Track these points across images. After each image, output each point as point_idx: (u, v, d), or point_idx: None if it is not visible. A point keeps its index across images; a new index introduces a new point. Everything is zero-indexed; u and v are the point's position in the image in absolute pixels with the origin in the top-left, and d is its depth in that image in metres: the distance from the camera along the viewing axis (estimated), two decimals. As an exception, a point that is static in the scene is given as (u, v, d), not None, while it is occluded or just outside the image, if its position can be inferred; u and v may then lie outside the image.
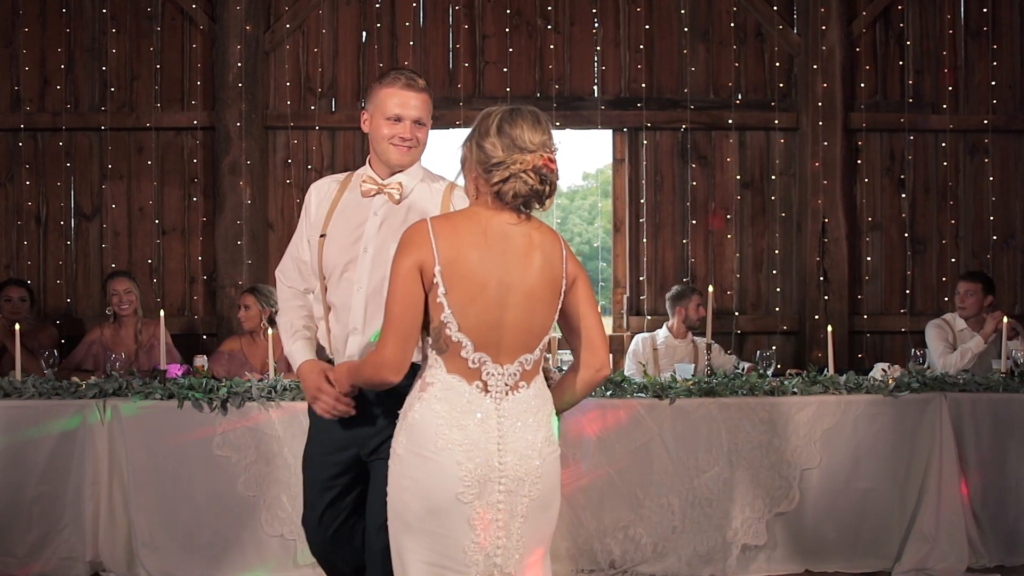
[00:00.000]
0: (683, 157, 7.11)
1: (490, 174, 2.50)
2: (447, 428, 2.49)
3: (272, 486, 4.63)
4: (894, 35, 7.17)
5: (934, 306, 7.08)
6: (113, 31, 6.88)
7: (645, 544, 4.73)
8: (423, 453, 2.50)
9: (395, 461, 2.56)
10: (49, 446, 4.64)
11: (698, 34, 7.11)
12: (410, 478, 2.51)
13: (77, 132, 6.91)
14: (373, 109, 3.14)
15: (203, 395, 4.63)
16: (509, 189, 2.49)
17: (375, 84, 3.19)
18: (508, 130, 2.49)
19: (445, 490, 2.47)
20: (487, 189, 2.53)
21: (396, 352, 2.51)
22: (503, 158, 2.48)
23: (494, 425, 2.50)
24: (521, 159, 2.48)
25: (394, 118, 3.10)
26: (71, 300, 6.91)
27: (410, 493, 2.51)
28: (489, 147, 2.50)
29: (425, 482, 2.49)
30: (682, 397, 4.79)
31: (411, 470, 2.51)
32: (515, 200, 2.51)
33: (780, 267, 7.12)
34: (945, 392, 4.94)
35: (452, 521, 2.49)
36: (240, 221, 6.72)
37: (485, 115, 2.57)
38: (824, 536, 4.85)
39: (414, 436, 2.51)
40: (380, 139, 3.12)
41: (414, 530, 2.53)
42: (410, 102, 3.09)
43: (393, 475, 2.57)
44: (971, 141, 7.19)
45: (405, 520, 2.54)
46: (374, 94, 3.15)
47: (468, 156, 2.56)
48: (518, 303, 2.51)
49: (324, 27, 6.96)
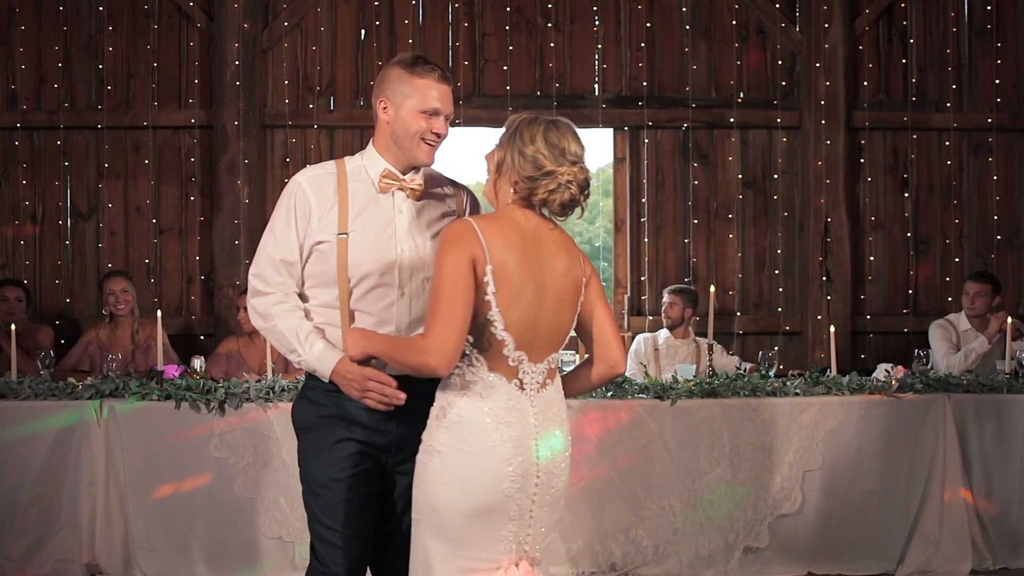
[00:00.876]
0: (684, 156, 7.11)
1: (537, 183, 2.62)
2: (494, 425, 2.58)
3: (270, 488, 4.62)
4: (897, 33, 7.17)
5: (938, 306, 7.08)
6: (110, 29, 6.88)
7: (646, 546, 4.73)
8: (470, 450, 2.57)
9: (436, 459, 2.60)
10: (45, 447, 4.64)
11: (700, 32, 7.11)
12: (454, 474, 2.57)
13: (73, 131, 6.90)
14: (403, 99, 2.87)
15: (200, 396, 4.63)
16: (557, 198, 2.63)
17: (401, 70, 2.89)
18: (556, 142, 2.62)
19: (492, 486, 2.57)
20: (524, 194, 2.65)
21: (447, 342, 2.53)
22: (552, 168, 2.61)
23: (531, 422, 2.62)
24: (568, 170, 2.62)
25: (432, 112, 2.87)
26: (67, 300, 6.91)
27: (453, 489, 2.57)
28: (539, 157, 2.62)
29: (472, 478, 2.57)
30: (683, 398, 4.79)
31: (456, 466, 2.58)
32: (561, 208, 2.65)
33: (782, 267, 7.12)
34: (949, 393, 4.93)
35: (494, 515, 2.59)
36: (238, 221, 6.72)
37: (525, 122, 2.67)
38: (827, 538, 4.85)
39: (459, 433, 2.58)
40: (410, 133, 2.88)
41: (452, 525, 2.59)
42: (447, 96, 2.90)
43: (432, 472, 2.60)
44: (975, 140, 7.19)
45: (443, 516, 2.59)
46: (403, 82, 2.88)
47: (510, 162, 2.65)
48: (551, 304, 2.64)
49: (322, 25, 6.96)
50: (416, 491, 2.66)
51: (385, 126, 2.91)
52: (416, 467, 2.68)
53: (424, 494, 2.62)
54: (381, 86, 2.93)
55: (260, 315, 2.93)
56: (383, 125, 2.92)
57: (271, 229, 2.94)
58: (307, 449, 2.91)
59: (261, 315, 2.93)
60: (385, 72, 2.93)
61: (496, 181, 2.69)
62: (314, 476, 2.87)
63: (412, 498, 2.70)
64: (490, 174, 2.72)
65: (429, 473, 2.61)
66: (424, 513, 2.63)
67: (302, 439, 2.93)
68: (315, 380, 2.91)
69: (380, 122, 2.93)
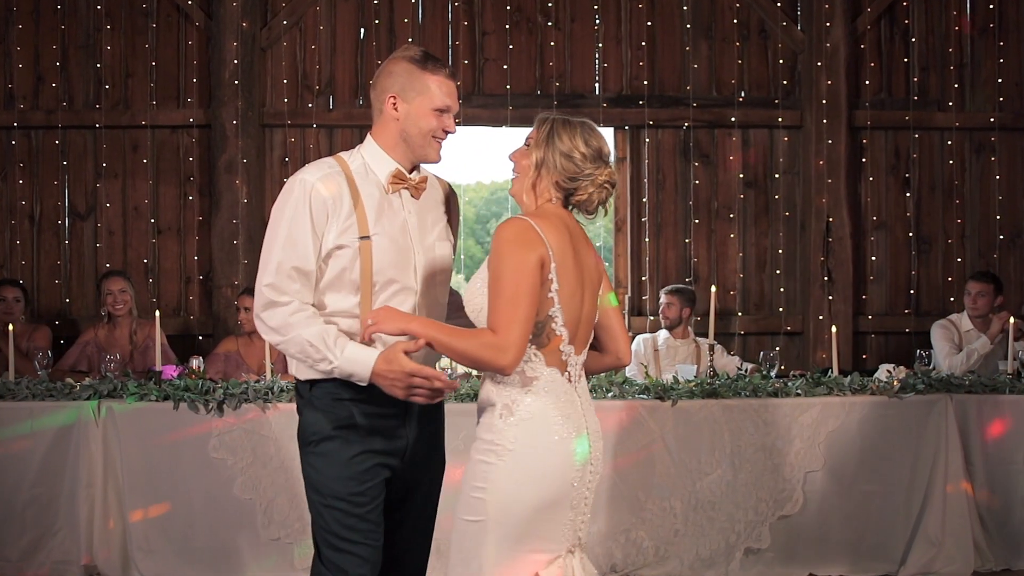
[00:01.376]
0: (685, 155, 7.11)
1: (578, 183, 2.71)
2: (561, 418, 2.64)
3: (269, 489, 4.63)
4: (899, 32, 7.17)
5: (940, 306, 7.08)
6: (108, 28, 6.88)
7: (647, 548, 4.74)
8: (543, 444, 2.62)
9: (508, 457, 2.61)
10: (43, 448, 4.64)
11: (701, 30, 7.11)
12: (527, 471, 2.61)
13: (71, 130, 6.90)
14: (414, 96, 2.80)
15: (199, 396, 4.63)
16: (596, 199, 2.73)
17: (411, 66, 2.82)
18: (595, 144, 2.72)
19: (562, 478, 2.63)
20: (564, 195, 2.72)
21: (521, 341, 2.56)
22: (592, 171, 2.70)
23: (580, 411, 2.70)
24: (605, 171, 2.73)
25: (444, 109, 2.83)
26: (65, 300, 6.91)
27: (527, 486, 2.61)
28: (579, 159, 2.69)
29: (545, 473, 2.61)
30: (684, 399, 4.79)
31: (529, 463, 2.61)
32: (596, 208, 2.76)
33: (784, 267, 7.12)
34: (951, 393, 4.94)
35: (559, 506, 2.65)
36: (236, 220, 6.72)
37: (560, 123, 2.72)
38: (828, 540, 4.85)
39: (531, 429, 2.62)
40: (422, 131, 2.81)
41: (521, 522, 2.61)
42: (455, 93, 2.86)
43: (502, 471, 2.61)
44: (977, 139, 7.19)
45: (514, 514, 2.61)
46: (414, 78, 2.81)
47: (551, 163, 2.70)
48: (589, 298, 2.74)
49: (321, 23, 6.96)
50: (478, 493, 2.62)
51: (394, 123, 2.83)
52: (475, 469, 2.65)
53: (493, 495, 2.61)
54: (388, 81, 2.83)
55: (275, 329, 2.75)
56: (391, 122, 2.83)
57: (282, 234, 2.75)
58: (321, 462, 2.78)
59: (276, 328, 2.74)
60: (391, 66, 2.84)
61: (536, 181, 2.72)
62: (331, 490, 2.76)
63: (465, 500, 2.64)
64: (521, 173, 2.75)
65: (499, 473, 2.61)
66: (491, 513, 2.61)
67: (314, 451, 2.80)
68: (321, 388, 2.79)
69: (386, 119, 2.84)
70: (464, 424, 4.54)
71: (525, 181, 2.74)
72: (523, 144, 2.80)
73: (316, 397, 2.80)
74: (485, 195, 21.34)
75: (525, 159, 2.75)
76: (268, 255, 2.77)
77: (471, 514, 2.64)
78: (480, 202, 21.10)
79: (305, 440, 2.83)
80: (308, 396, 2.82)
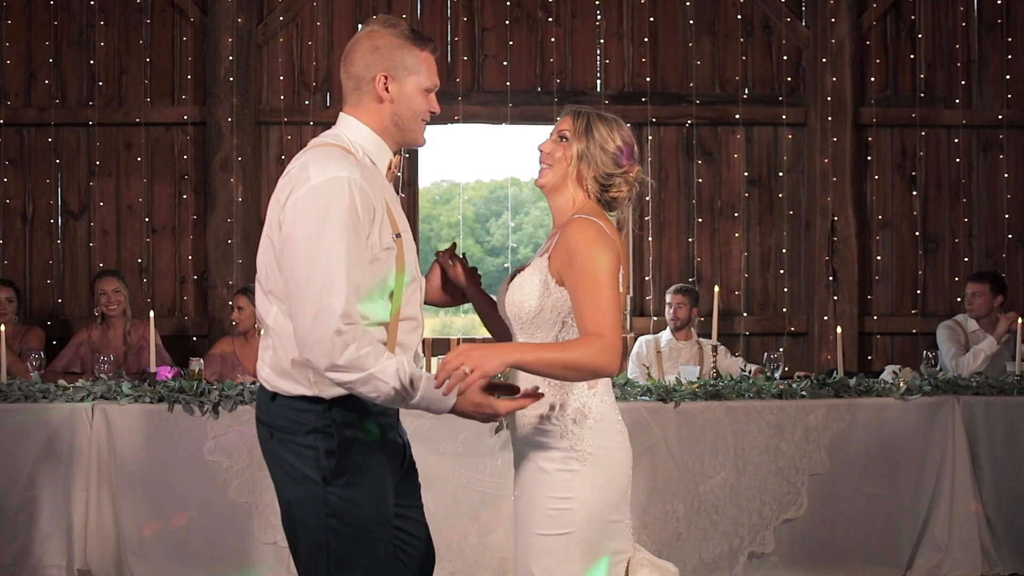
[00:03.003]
0: (688, 153, 7.11)
1: (613, 179, 2.73)
2: (617, 417, 2.71)
3: (265, 492, 4.62)
4: (905, 28, 7.17)
5: (946, 307, 7.08)
6: (101, 24, 6.88)
7: (649, 552, 4.73)
8: (613, 445, 2.66)
9: (589, 463, 2.60)
10: (35, 451, 4.64)
11: (704, 27, 7.11)
12: (607, 474, 2.63)
13: (64, 127, 6.91)
14: (406, 74, 2.57)
15: (194, 398, 4.63)
16: (627, 195, 2.76)
17: (400, 40, 2.59)
18: (628, 138, 2.75)
19: (626, 476, 2.69)
20: (598, 190, 2.73)
21: (621, 344, 2.58)
22: (627, 167, 2.74)
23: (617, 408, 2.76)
24: (636, 169, 2.77)
25: (433, 88, 2.64)
26: (58, 300, 6.91)
27: (607, 490, 2.63)
28: (619, 155, 2.72)
29: (618, 474, 2.66)
30: (687, 400, 4.80)
31: (608, 466, 2.63)
32: (625, 205, 2.79)
33: (788, 266, 7.12)
34: (958, 395, 4.94)
35: (623, 504, 2.69)
36: (232, 219, 6.72)
37: (596, 117, 2.73)
38: (833, 544, 4.85)
39: (602, 432, 2.64)
40: (415, 113, 2.60)
41: (602, 528, 2.63)
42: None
43: (586, 478, 2.60)
44: (985, 137, 7.19)
45: (598, 520, 2.62)
46: (405, 54, 2.57)
47: (591, 156, 2.71)
48: (623, 294, 2.78)
49: (318, 19, 6.96)
50: (564, 504, 2.57)
51: (385, 105, 2.58)
52: (554, 479, 2.57)
53: (580, 503, 2.58)
54: (373, 56, 2.56)
55: (350, 366, 2.38)
56: (380, 104, 2.58)
57: (343, 248, 2.38)
58: (358, 492, 2.52)
59: (351, 366, 2.38)
60: (375, 40, 2.58)
61: (578, 173, 2.72)
62: (366, 521, 2.52)
63: (545, 516, 2.56)
64: (559, 164, 2.72)
65: (584, 480, 2.59)
66: (580, 522, 2.58)
67: (347, 483, 2.51)
68: (339, 407, 2.51)
69: (372, 98, 2.58)
70: (463, 427, 4.57)
71: (565, 172, 2.72)
72: (551, 137, 2.76)
73: (337, 417, 2.52)
74: (485, 193, 21.30)
75: (560, 150, 2.72)
76: (333, 274, 2.38)
77: (555, 528, 2.58)
78: (480, 201, 21.06)
79: (338, 471, 2.50)
80: (329, 415, 2.52)
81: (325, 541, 2.52)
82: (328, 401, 2.51)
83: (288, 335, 2.51)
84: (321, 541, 2.53)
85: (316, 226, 2.40)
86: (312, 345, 2.39)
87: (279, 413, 2.56)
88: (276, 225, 2.50)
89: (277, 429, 2.57)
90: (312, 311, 2.38)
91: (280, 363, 2.55)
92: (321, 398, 2.51)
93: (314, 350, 2.39)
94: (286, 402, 2.54)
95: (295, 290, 2.42)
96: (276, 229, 2.50)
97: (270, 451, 2.62)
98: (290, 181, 2.49)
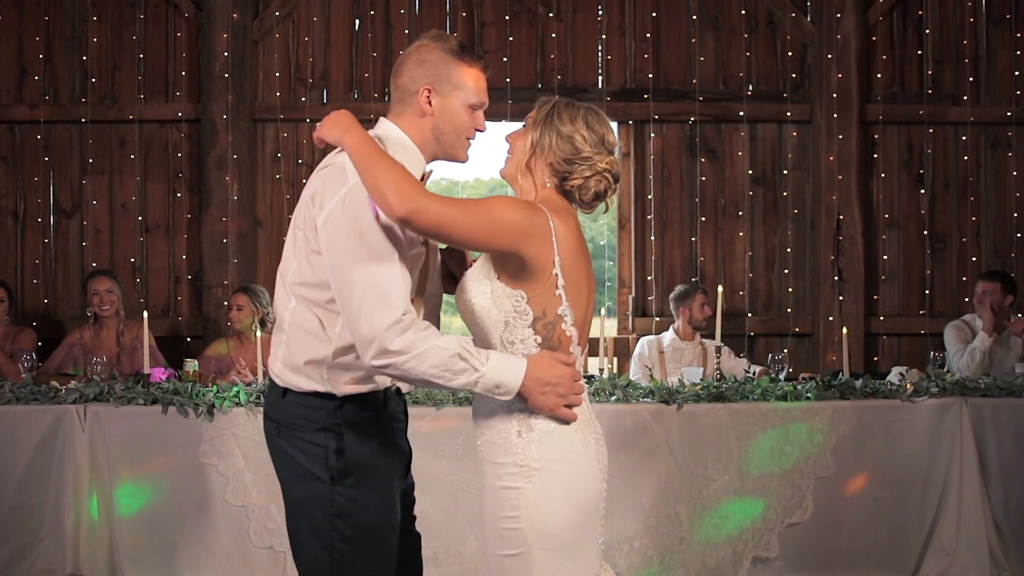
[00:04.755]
0: (691, 151, 7.11)
1: (574, 167, 2.60)
2: (580, 425, 2.54)
3: (260, 496, 4.63)
4: (912, 23, 7.18)
5: (954, 307, 7.08)
6: (94, 19, 6.89)
7: (652, 556, 4.74)
8: (569, 457, 2.51)
9: (537, 477, 2.48)
10: (27, 454, 4.64)
11: (707, 22, 7.11)
12: (561, 487, 2.49)
13: (56, 125, 6.91)
14: (451, 89, 2.61)
15: (188, 400, 4.63)
16: (592, 186, 2.61)
17: (447, 55, 2.63)
18: (596, 127, 2.61)
19: (592, 489, 2.54)
20: (559, 179, 2.62)
21: (429, 217, 2.47)
22: (591, 154, 2.59)
23: (589, 415, 2.60)
24: (606, 159, 2.61)
25: (480, 106, 2.67)
26: (49, 301, 6.92)
27: (563, 503, 2.49)
28: (579, 141, 2.59)
29: (578, 485, 2.51)
30: (690, 402, 4.80)
31: (561, 478, 2.49)
32: (593, 198, 2.63)
33: (793, 266, 7.13)
34: (966, 397, 4.94)
35: (591, 519, 2.55)
36: (227, 218, 6.72)
37: (562, 104, 2.63)
38: (838, 548, 4.86)
39: (553, 443, 2.50)
40: (457, 129, 2.65)
41: (563, 543, 2.49)
42: (486, 88, 2.70)
43: (534, 493, 2.48)
44: (993, 134, 7.20)
45: (555, 535, 2.48)
46: (451, 69, 2.62)
47: (547, 142, 2.61)
48: (593, 295, 2.65)
49: (315, 15, 6.96)
50: (511, 524, 2.47)
51: (427, 118, 2.63)
52: (501, 497, 2.50)
53: (528, 522, 2.46)
54: (419, 70, 2.62)
55: (400, 350, 2.40)
56: (422, 116, 2.63)
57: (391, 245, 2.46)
58: (363, 493, 2.55)
59: (402, 349, 2.40)
60: (423, 54, 2.64)
61: (530, 161, 2.63)
62: (370, 524, 2.55)
63: (498, 536, 2.50)
64: (516, 154, 2.66)
65: (530, 496, 2.47)
66: (531, 541, 2.46)
67: (351, 483, 2.54)
68: (351, 405, 2.56)
69: (416, 111, 2.63)
70: (462, 429, 4.58)
71: (519, 161, 2.65)
72: (522, 126, 2.71)
73: (348, 415, 2.56)
74: (484, 192, 21.32)
75: (521, 139, 2.65)
76: (388, 266, 2.45)
77: (507, 548, 2.49)
78: (479, 199, 21.09)
79: (346, 471, 2.54)
80: (340, 413, 2.56)
81: (329, 542, 2.54)
82: (340, 399, 2.54)
83: (304, 330, 2.55)
84: (325, 541, 2.54)
85: (361, 223, 2.45)
86: (377, 334, 2.40)
87: (289, 409, 2.59)
88: (307, 221, 2.53)
89: (285, 426, 2.59)
90: (369, 303, 2.41)
91: (293, 359, 2.57)
92: (333, 395, 2.54)
93: (370, 340, 2.41)
94: (297, 398, 2.57)
95: (347, 286, 2.45)
96: (310, 227, 2.52)
97: (276, 448, 2.64)
98: (324, 180, 2.54)
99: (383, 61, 6.95)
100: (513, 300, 2.51)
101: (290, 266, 2.59)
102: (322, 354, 2.54)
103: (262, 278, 6.68)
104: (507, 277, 2.51)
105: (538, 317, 2.52)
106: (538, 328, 2.52)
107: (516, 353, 2.51)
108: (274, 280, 2.74)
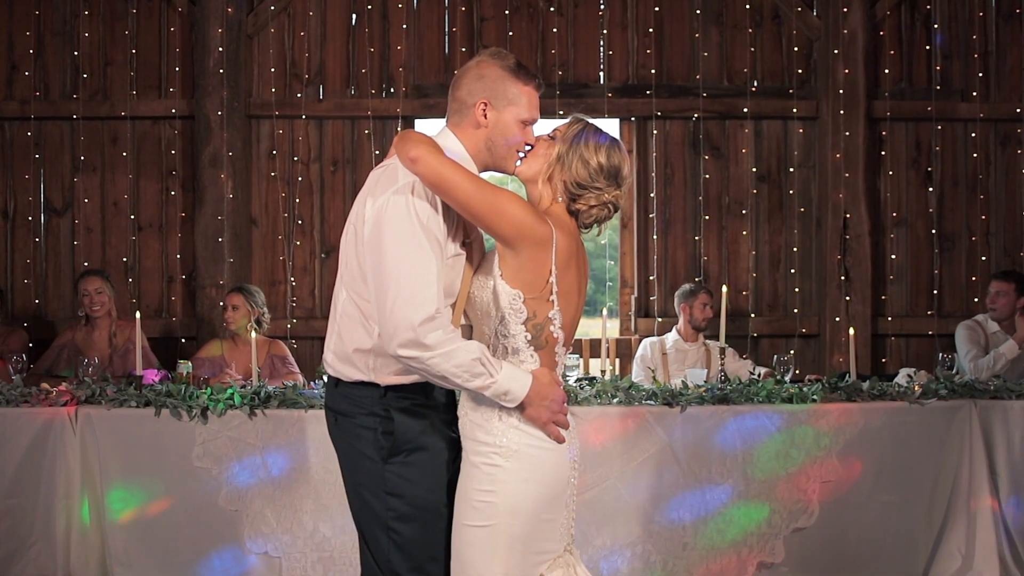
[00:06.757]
0: (695, 148, 7.11)
1: (584, 191, 2.87)
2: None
3: (255, 500, 4.63)
4: (920, 18, 7.18)
5: (963, 307, 7.08)
6: (85, 13, 6.89)
7: (655, 562, 4.74)
8: (543, 445, 2.80)
9: (512, 459, 2.77)
10: (17, 457, 4.64)
11: (711, 16, 7.11)
12: (531, 471, 2.78)
13: (47, 121, 6.92)
14: (505, 104, 2.87)
15: (182, 403, 4.63)
16: (595, 214, 2.89)
17: (504, 72, 2.89)
18: (616, 162, 2.87)
19: (561, 476, 2.83)
20: (567, 197, 2.87)
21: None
22: (603, 186, 2.86)
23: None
24: (613, 192, 2.89)
25: (531, 122, 2.92)
26: (40, 301, 6.92)
27: (532, 485, 2.78)
28: (595, 172, 2.86)
29: (548, 471, 2.80)
30: (694, 405, 4.80)
31: (533, 463, 2.78)
32: (591, 223, 2.91)
33: (798, 266, 7.13)
34: (975, 399, 4.94)
35: (557, 504, 2.83)
36: (221, 216, 6.72)
37: (592, 130, 2.89)
38: (845, 553, 4.86)
39: (530, 431, 2.79)
40: (509, 142, 2.89)
41: (528, 523, 2.78)
42: (538, 105, 2.96)
43: (508, 473, 2.76)
44: (1003, 131, 7.20)
45: (522, 515, 2.77)
46: (507, 85, 2.88)
47: (569, 162, 2.86)
48: (582, 301, 2.92)
49: (311, 9, 6.97)
50: (487, 497, 2.76)
51: (482, 130, 2.89)
52: (478, 473, 2.77)
53: (500, 497, 2.76)
54: (479, 84, 2.88)
55: (431, 345, 2.65)
56: (477, 128, 2.89)
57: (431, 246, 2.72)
58: (415, 471, 2.81)
59: (433, 344, 2.65)
60: (482, 70, 2.90)
61: (552, 174, 2.88)
62: (423, 501, 2.81)
63: (471, 507, 2.76)
64: (539, 158, 2.89)
65: (504, 475, 2.76)
66: (500, 516, 2.76)
67: (405, 460, 2.81)
68: (396, 392, 2.81)
69: (472, 123, 2.89)
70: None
71: (542, 169, 2.88)
72: (548, 134, 2.94)
73: (392, 402, 2.82)
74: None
75: (547, 148, 2.89)
76: (425, 265, 2.69)
77: (478, 519, 2.77)
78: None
79: (395, 449, 2.80)
80: (385, 401, 2.81)
81: (385, 522, 2.81)
82: (384, 387, 2.81)
83: (352, 320, 2.82)
84: (382, 523, 2.82)
85: (407, 220, 2.71)
86: (400, 324, 2.65)
87: (342, 398, 2.88)
88: (358, 215, 2.81)
89: (340, 414, 2.88)
90: (406, 295, 2.65)
91: (344, 348, 2.85)
92: (377, 384, 2.81)
93: (402, 330, 2.65)
94: (346, 388, 2.86)
95: (384, 277, 2.69)
96: (362, 222, 2.78)
97: (336, 438, 2.92)
98: (378, 178, 2.82)
99: (380, 56, 6.95)
100: (510, 298, 2.78)
101: (344, 260, 2.87)
102: (369, 344, 2.80)
103: (257, 278, 6.68)
104: (507, 275, 2.78)
105: (530, 317, 2.80)
106: (529, 327, 2.80)
107: (508, 347, 2.80)
108: (269, 280, 2.90)
